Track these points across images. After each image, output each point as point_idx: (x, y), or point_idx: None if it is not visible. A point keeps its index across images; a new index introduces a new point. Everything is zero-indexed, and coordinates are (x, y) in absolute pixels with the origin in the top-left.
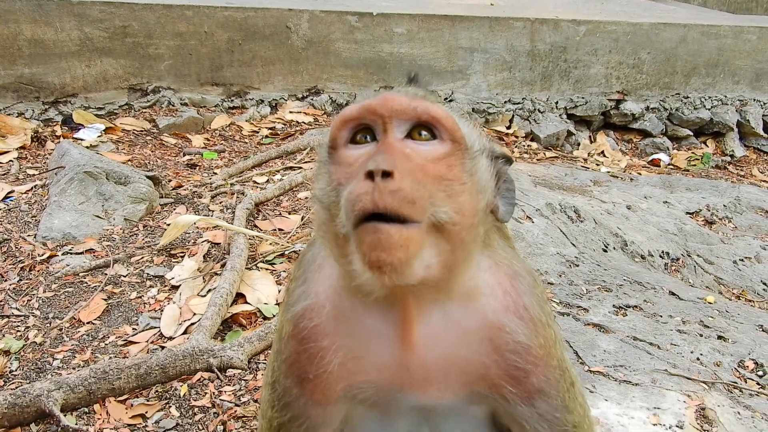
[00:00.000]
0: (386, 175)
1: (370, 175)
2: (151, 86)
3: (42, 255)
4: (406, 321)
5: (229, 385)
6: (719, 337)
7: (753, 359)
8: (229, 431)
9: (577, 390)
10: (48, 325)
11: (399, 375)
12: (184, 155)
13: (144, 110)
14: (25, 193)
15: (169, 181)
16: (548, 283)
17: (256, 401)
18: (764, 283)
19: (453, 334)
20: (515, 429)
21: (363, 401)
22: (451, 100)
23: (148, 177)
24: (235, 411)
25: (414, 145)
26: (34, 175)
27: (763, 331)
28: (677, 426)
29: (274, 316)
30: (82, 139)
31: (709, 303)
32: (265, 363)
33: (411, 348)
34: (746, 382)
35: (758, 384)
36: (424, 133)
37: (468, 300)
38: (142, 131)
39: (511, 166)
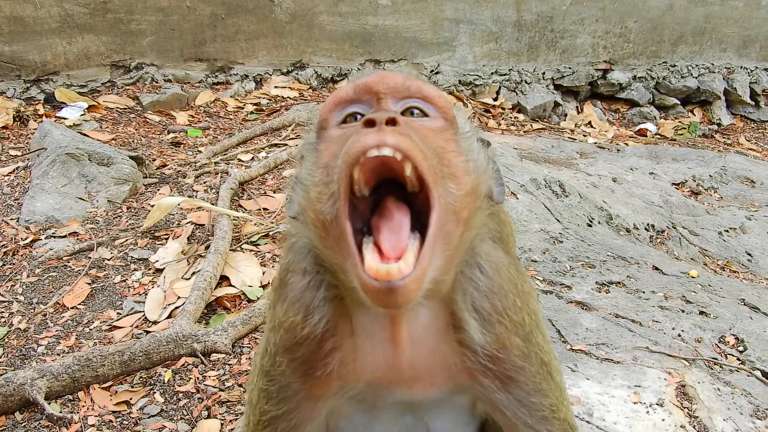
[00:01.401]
0: (390, 123)
1: (370, 124)
2: (133, 63)
3: (25, 239)
4: (396, 321)
5: (214, 369)
6: (701, 313)
7: (734, 334)
8: (214, 416)
9: (551, 368)
10: (32, 310)
11: (389, 374)
12: (169, 133)
13: (127, 87)
14: (7, 175)
15: (153, 160)
16: (531, 260)
17: (240, 386)
18: (749, 254)
19: (434, 331)
20: (498, 416)
21: (352, 397)
22: (437, 73)
23: (131, 157)
24: (220, 396)
25: (410, 118)
26: (16, 156)
27: (744, 305)
28: (657, 404)
29: (258, 298)
30: (65, 118)
31: (692, 277)
32: (249, 347)
33: (400, 347)
34: (726, 358)
35: (738, 360)
36: (416, 112)
37: (443, 295)
38: (125, 109)
39: (488, 149)
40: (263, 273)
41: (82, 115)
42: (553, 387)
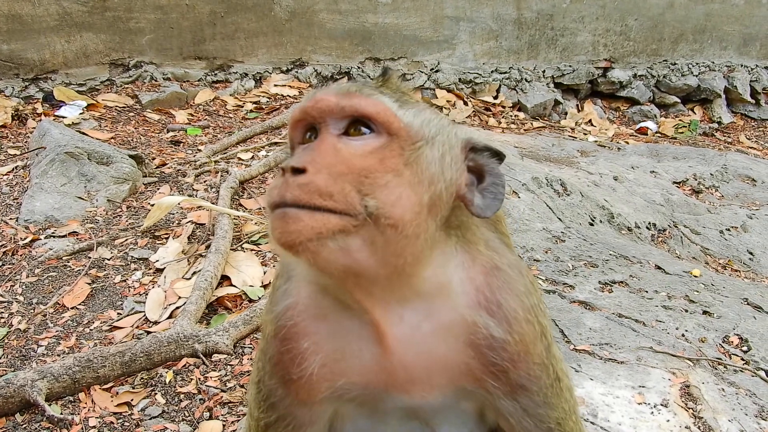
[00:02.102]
0: (297, 171)
1: (283, 172)
2: (132, 61)
3: (24, 239)
4: (374, 320)
5: (215, 370)
6: (704, 312)
7: (737, 334)
8: (216, 417)
9: (563, 386)
10: (32, 311)
11: (381, 377)
12: (168, 132)
13: (126, 86)
14: (6, 174)
15: (153, 159)
16: (534, 260)
17: (242, 386)
18: (750, 253)
19: (428, 333)
20: (502, 423)
21: (350, 400)
22: (437, 71)
23: (130, 156)
24: (222, 396)
25: (347, 140)
26: (15, 155)
27: (747, 304)
28: (662, 404)
29: (259, 298)
30: (63, 117)
31: (695, 276)
32: (250, 347)
33: (388, 350)
34: (731, 358)
35: (742, 360)
36: (362, 128)
37: (438, 296)
38: (124, 107)
39: (502, 162)
40: (264, 273)
41: (80, 113)
42: (562, 402)
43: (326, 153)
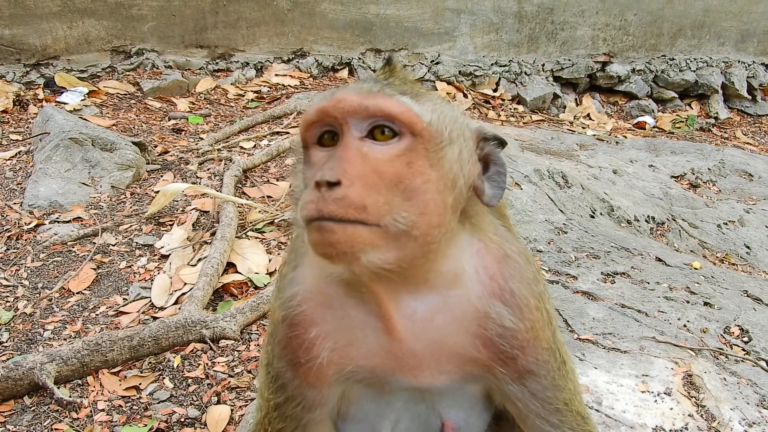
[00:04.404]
0: (332, 185)
1: (318, 185)
2: (134, 48)
3: (29, 224)
4: (383, 310)
5: (222, 356)
6: (705, 304)
7: (738, 325)
8: (224, 402)
9: (568, 368)
10: (37, 295)
11: (388, 361)
12: (170, 119)
13: (127, 73)
14: (9, 159)
15: (155, 146)
16: (537, 250)
17: (249, 372)
18: (747, 247)
19: (440, 321)
20: (509, 407)
21: (357, 382)
22: (437, 63)
23: (134, 143)
24: (229, 382)
25: (372, 145)
26: (17, 140)
27: (747, 296)
28: (665, 393)
29: (265, 285)
30: (65, 103)
31: (695, 269)
32: (257, 333)
33: (396, 336)
34: (732, 348)
35: (743, 350)
36: (385, 131)
37: (451, 286)
38: (126, 95)
39: (503, 149)
40: (269, 260)
41: (82, 100)
42: (569, 383)
43: (356, 161)
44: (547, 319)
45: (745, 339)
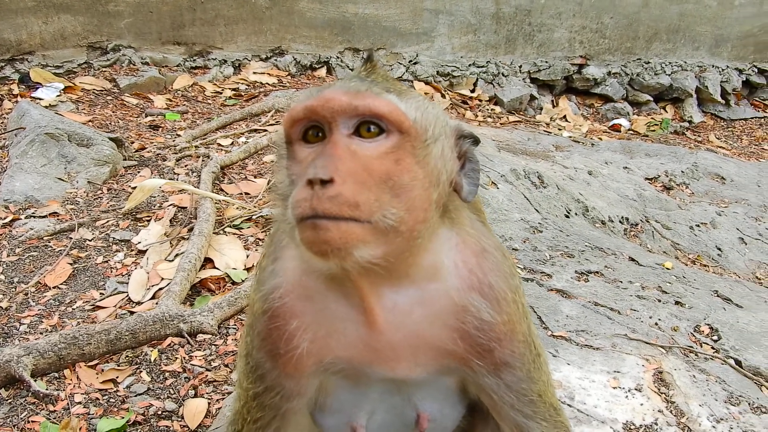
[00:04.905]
0: (325, 182)
1: (311, 183)
2: (111, 44)
3: (4, 218)
4: (365, 303)
5: (200, 350)
6: (677, 303)
7: (708, 324)
8: (201, 395)
9: (542, 360)
10: (13, 289)
11: (367, 353)
12: (146, 116)
13: (104, 69)
14: None
15: (132, 142)
16: (513, 249)
17: (227, 366)
18: (719, 249)
19: (418, 315)
20: (483, 398)
21: (336, 373)
22: (415, 63)
23: (111, 139)
24: (206, 375)
25: (360, 142)
26: None
27: (717, 296)
28: (636, 389)
29: (243, 281)
30: (40, 99)
31: (667, 269)
32: (235, 328)
33: (376, 329)
34: (702, 347)
35: (713, 348)
36: (372, 128)
37: (431, 279)
38: (102, 91)
39: (477, 147)
40: (247, 256)
41: (58, 96)
42: (542, 375)
43: (346, 159)
44: (523, 312)
45: (715, 338)
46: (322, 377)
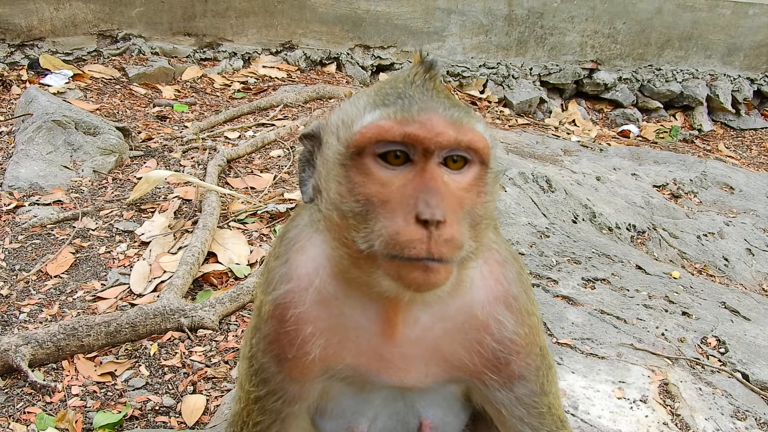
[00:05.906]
0: (439, 223)
1: (423, 222)
2: (121, 33)
3: (8, 205)
4: (391, 317)
5: (200, 345)
6: (684, 313)
7: (715, 336)
8: (199, 392)
9: (554, 372)
10: (14, 277)
11: (377, 362)
12: (154, 106)
13: (113, 58)
14: None
15: (139, 132)
16: (519, 253)
17: (226, 362)
18: (726, 259)
19: (439, 329)
20: (488, 409)
21: (341, 380)
22: None
23: (118, 128)
24: (206, 371)
25: (450, 174)
26: None
27: (725, 308)
28: (641, 400)
29: (246, 276)
30: (49, 85)
31: (675, 278)
32: (236, 324)
33: (392, 341)
34: (708, 359)
35: (720, 361)
36: (457, 158)
37: (456, 294)
38: (111, 79)
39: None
40: (251, 251)
41: (66, 83)
42: (553, 387)
43: (447, 195)
44: (539, 325)
45: (722, 350)
46: (326, 382)
